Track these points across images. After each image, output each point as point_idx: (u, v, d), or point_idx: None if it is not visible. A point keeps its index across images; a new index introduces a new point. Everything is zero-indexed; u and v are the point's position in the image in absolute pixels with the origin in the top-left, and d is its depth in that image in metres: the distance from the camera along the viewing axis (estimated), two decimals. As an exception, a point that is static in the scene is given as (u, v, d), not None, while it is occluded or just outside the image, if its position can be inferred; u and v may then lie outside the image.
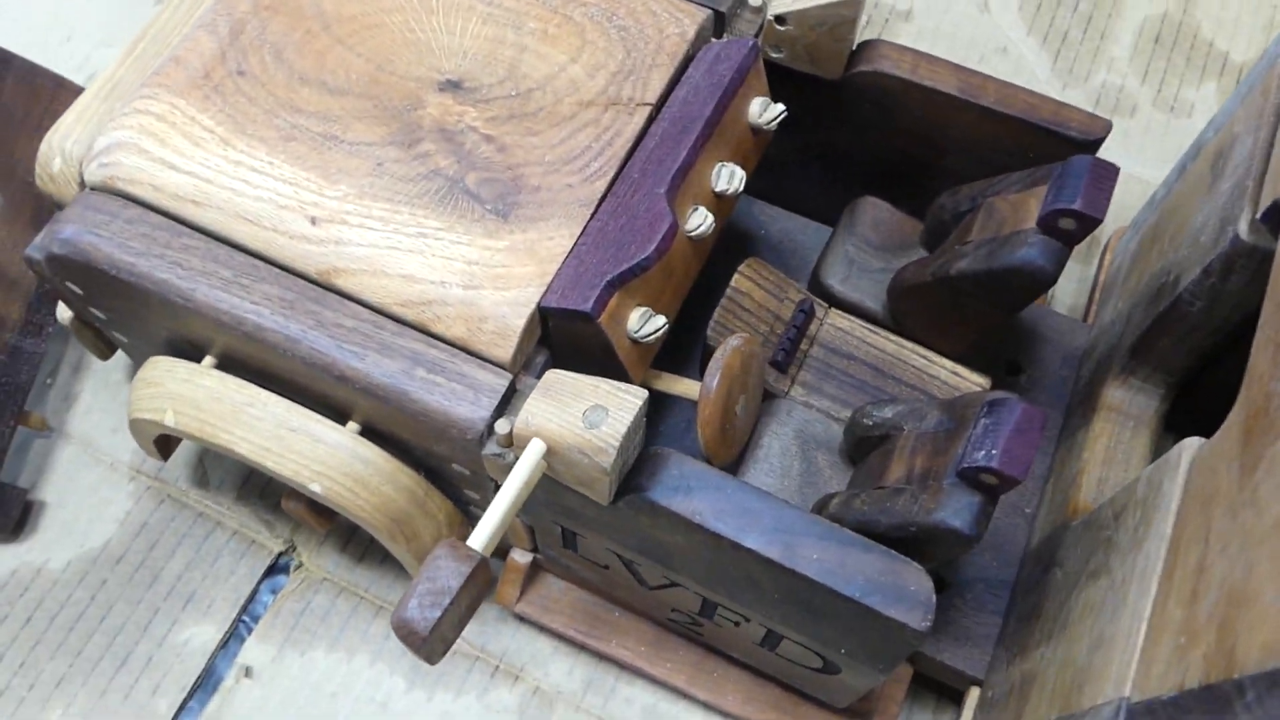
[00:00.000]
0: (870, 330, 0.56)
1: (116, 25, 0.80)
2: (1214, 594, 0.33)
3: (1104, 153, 0.76)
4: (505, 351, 0.46)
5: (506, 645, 0.61)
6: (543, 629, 0.60)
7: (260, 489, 0.64)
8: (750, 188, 0.66)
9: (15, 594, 0.62)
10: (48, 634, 0.61)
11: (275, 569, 0.63)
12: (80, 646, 0.60)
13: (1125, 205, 0.73)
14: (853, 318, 0.56)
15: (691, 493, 0.44)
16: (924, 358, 0.55)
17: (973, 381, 0.55)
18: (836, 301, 0.57)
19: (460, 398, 0.45)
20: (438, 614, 0.38)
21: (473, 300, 0.46)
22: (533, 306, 0.46)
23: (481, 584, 0.41)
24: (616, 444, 0.41)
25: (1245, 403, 0.37)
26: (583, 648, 0.59)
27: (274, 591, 0.62)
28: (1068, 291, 0.71)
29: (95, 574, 0.62)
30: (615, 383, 0.42)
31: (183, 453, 0.65)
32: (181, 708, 0.59)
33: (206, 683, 0.60)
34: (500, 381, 0.45)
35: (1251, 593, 0.31)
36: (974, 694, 0.54)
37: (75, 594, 0.62)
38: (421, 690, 0.59)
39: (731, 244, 0.64)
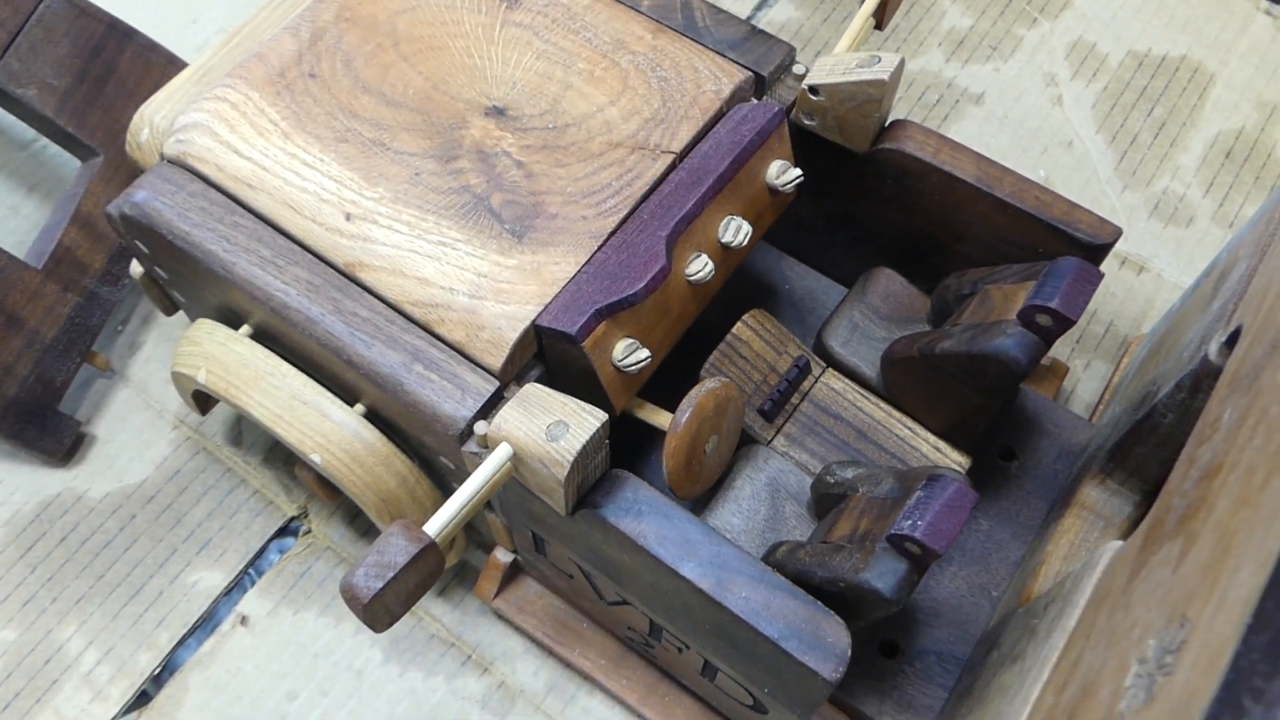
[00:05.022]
0: (862, 395, 0.58)
1: (239, 14, 0.87)
2: (1075, 686, 0.35)
3: (1155, 258, 0.76)
4: (496, 360, 0.49)
5: (482, 638, 0.64)
6: (515, 628, 0.63)
7: (285, 455, 0.69)
8: (782, 245, 0.69)
9: (56, 514, 0.68)
10: (77, 555, 0.67)
11: (286, 531, 0.68)
12: (103, 571, 0.66)
13: (1162, 313, 0.73)
14: (848, 380, 0.58)
15: (641, 516, 0.47)
16: (909, 429, 0.57)
17: (952, 459, 0.56)
18: (835, 363, 0.59)
19: (448, 396, 0.49)
20: (380, 585, 0.42)
21: (475, 309, 0.50)
22: (528, 323, 0.49)
23: (431, 566, 0.44)
24: (571, 458, 0.44)
25: (1154, 512, 0.38)
26: (550, 652, 0.62)
27: (281, 551, 0.67)
28: (1089, 390, 0.72)
29: (127, 508, 0.68)
30: (582, 403, 0.46)
31: (223, 412, 0.70)
32: (180, 642, 0.64)
33: (206, 624, 0.65)
34: (488, 386, 0.49)
35: (1096, 686, 0.32)
36: (907, 761, 0.55)
37: (107, 523, 0.67)
38: (396, 665, 0.63)
39: (755, 294, 0.67)
